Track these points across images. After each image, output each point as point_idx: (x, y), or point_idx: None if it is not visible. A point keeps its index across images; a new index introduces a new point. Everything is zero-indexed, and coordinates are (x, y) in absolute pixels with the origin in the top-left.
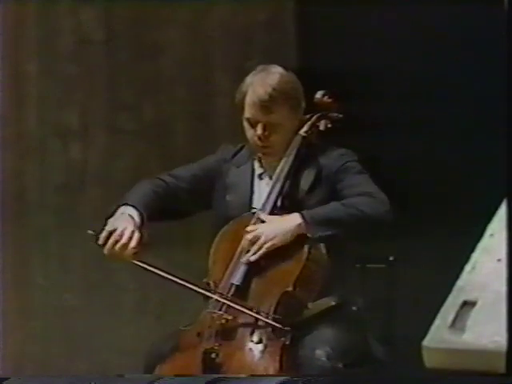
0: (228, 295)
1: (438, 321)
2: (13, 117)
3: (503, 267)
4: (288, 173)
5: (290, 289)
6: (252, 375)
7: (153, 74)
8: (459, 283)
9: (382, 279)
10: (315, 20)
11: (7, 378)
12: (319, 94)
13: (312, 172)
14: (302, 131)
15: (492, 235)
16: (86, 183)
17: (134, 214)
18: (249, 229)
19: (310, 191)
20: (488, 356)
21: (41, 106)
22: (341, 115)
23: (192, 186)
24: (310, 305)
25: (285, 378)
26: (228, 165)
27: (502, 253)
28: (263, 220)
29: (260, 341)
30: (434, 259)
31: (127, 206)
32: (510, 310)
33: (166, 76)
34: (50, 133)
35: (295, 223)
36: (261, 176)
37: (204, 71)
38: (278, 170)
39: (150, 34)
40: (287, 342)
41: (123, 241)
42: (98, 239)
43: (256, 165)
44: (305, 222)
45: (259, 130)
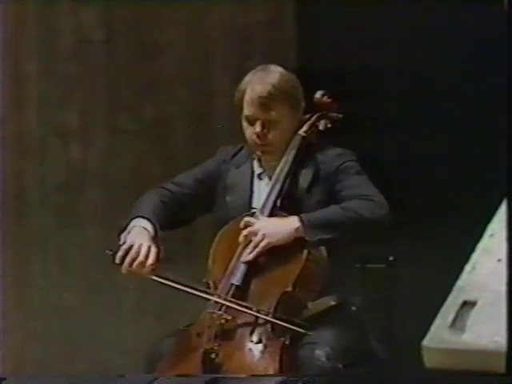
0: (237, 301)
1: (438, 321)
2: (13, 117)
3: (503, 267)
4: (287, 173)
5: (289, 289)
6: (252, 375)
7: (153, 74)
8: (459, 283)
9: (381, 279)
10: (315, 20)
11: (7, 378)
12: (319, 94)
13: (310, 171)
14: (301, 131)
15: (492, 235)
16: (85, 183)
17: (148, 226)
18: (246, 225)
19: (308, 190)
20: (488, 356)
21: (41, 106)
22: (340, 115)
23: (195, 191)
24: (309, 305)
25: (284, 377)
26: (227, 166)
27: (502, 253)
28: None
29: (260, 341)
30: (434, 259)
31: (140, 218)
32: (510, 310)
33: (165, 76)
34: (49, 133)
35: (293, 226)
36: (260, 176)
37: (204, 71)
38: (278, 170)
39: (150, 34)
40: (287, 342)
41: (140, 259)
42: (115, 258)
43: (255, 165)
44: (303, 226)
45: (258, 128)
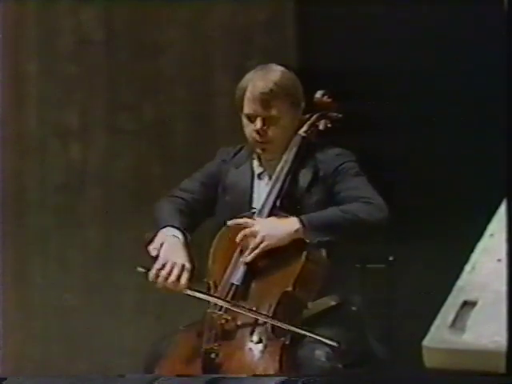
0: (240, 305)
1: (438, 321)
2: (13, 117)
3: (503, 267)
4: (287, 172)
5: (289, 289)
6: (252, 375)
7: (153, 74)
8: (459, 283)
9: (381, 279)
10: (315, 20)
11: (7, 378)
12: (319, 94)
13: (310, 171)
14: (301, 131)
15: (492, 235)
16: (85, 183)
17: (178, 233)
18: (245, 226)
19: (308, 190)
20: (488, 356)
21: (41, 106)
22: (340, 115)
23: (204, 195)
24: (309, 305)
25: (284, 377)
26: (227, 166)
27: (502, 253)
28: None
29: (260, 341)
30: (434, 259)
31: (168, 227)
32: (510, 310)
33: (165, 76)
34: (49, 133)
35: (293, 228)
36: (260, 176)
37: (204, 71)
38: (278, 169)
39: (150, 34)
40: (287, 342)
41: (173, 279)
42: (148, 275)
43: (255, 164)
44: (303, 228)
45: (258, 124)
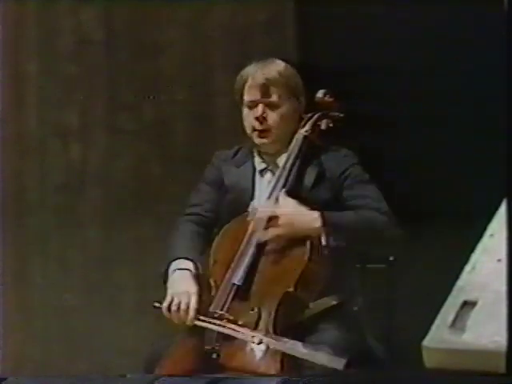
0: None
1: (438, 321)
2: (13, 117)
3: (503, 267)
4: (290, 169)
5: (291, 289)
6: (252, 375)
7: (153, 74)
8: (459, 283)
9: (381, 279)
10: (315, 20)
11: (7, 378)
12: (320, 94)
13: (315, 170)
14: (303, 130)
15: (492, 235)
16: (85, 183)
17: (190, 265)
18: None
19: (313, 189)
20: (488, 356)
21: (41, 106)
22: (342, 114)
23: (213, 204)
24: (311, 305)
25: (285, 378)
26: (228, 166)
27: (502, 253)
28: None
29: (261, 341)
30: (434, 259)
31: (179, 260)
32: (510, 309)
33: (165, 76)
34: (49, 133)
35: (314, 225)
36: (262, 173)
37: (204, 71)
38: (281, 164)
39: (150, 34)
40: None
41: (181, 313)
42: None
43: (257, 160)
44: (323, 227)
45: (259, 110)
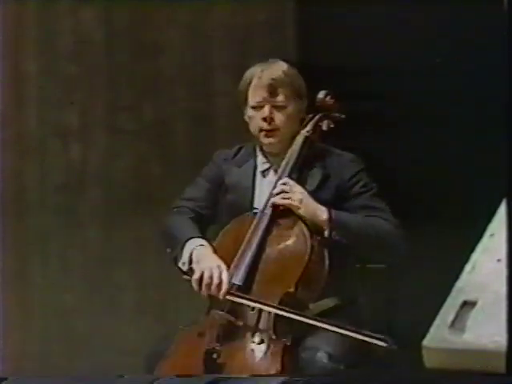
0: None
1: (437, 321)
2: (13, 117)
3: (503, 267)
4: (292, 168)
5: (291, 289)
6: (253, 375)
7: (153, 74)
8: (459, 283)
9: (381, 279)
10: (315, 20)
11: (7, 378)
12: (321, 95)
13: (318, 172)
14: (304, 130)
15: (492, 235)
16: (85, 183)
17: (203, 242)
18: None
19: (315, 192)
20: (488, 356)
21: (41, 106)
22: (343, 116)
23: (209, 201)
24: (311, 305)
25: (285, 378)
26: (229, 165)
27: (502, 253)
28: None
29: (261, 341)
30: (434, 259)
31: (192, 239)
32: (510, 309)
33: (165, 76)
34: (49, 133)
35: (321, 217)
36: (264, 173)
37: (204, 71)
38: (283, 163)
39: (150, 34)
40: (288, 343)
41: (216, 281)
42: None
43: (259, 161)
44: (329, 221)
45: (266, 111)
